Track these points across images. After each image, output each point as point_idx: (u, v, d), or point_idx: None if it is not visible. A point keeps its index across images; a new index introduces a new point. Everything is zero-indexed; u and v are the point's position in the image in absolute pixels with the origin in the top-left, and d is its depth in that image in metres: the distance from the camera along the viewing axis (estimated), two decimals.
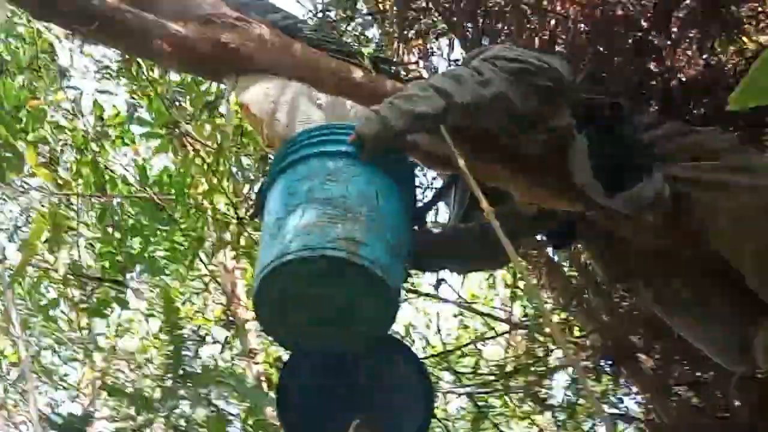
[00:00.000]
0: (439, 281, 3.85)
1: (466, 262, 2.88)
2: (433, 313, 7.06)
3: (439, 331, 4.15)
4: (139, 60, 5.52)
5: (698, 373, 3.39)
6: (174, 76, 5.75)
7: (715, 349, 2.60)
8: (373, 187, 2.15)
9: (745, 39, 3.16)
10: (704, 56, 3.08)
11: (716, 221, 2.38)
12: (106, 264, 6.87)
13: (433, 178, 4.42)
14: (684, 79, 3.05)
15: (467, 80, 2.34)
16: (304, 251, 1.98)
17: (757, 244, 2.31)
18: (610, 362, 3.90)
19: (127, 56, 5.52)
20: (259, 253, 2.22)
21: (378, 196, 2.13)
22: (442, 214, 4.15)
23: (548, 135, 2.48)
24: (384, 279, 2.02)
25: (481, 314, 5.69)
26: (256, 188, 5.50)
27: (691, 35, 3.10)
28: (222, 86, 3.08)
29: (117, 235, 6.74)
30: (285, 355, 5.87)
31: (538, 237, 3.22)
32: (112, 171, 6.51)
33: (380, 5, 4.69)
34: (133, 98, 6.43)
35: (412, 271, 4.84)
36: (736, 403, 3.13)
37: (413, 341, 7.97)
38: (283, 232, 2.05)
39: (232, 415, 4.85)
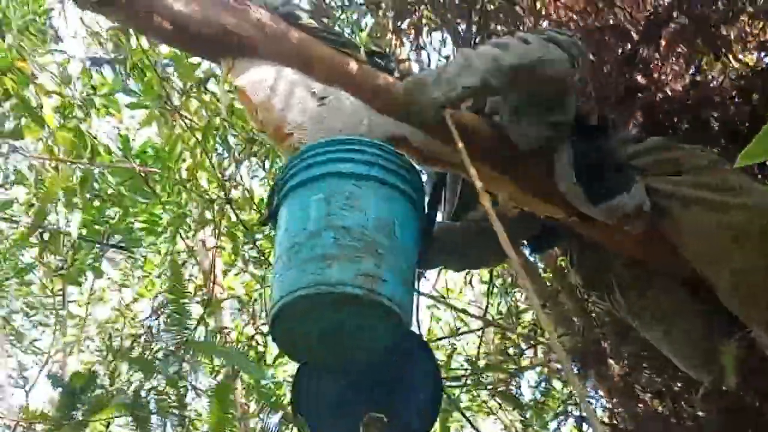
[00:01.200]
0: (419, 275, 3.86)
1: (464, 259, 2.90)
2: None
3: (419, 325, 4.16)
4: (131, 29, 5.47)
5: (665, 381, 3.43)
6: (164, 48, 5.71)
7: (683, 360, 2.64)
8: (391, 216, 2.16)
9: (731, 58, 3.20)
10: (691, 72, 3.12)
11: (695, 237, 2.41)
12: (84, 231, 6.86)
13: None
14: (669, 94, 3.09)
15: (514, 45, 2.38)
16: (322, 286, 2.01)
17: (736, 263, 2.31)
18: (578, 365, 3.94)
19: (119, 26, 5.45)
20: (274, 271, 2.22)
21: (395, 225, 2.15)
22: None
23: (548, 131, 2.51)
24: (400, 314, 2.07)
25: (456, 309, 5.74)
26: (239, 171, 5.50)
27: (679, 51, 3.15)
28: (212, 63, 3.08)
29: (96, 203, 6.74)
30: (256, 336, 5.92)
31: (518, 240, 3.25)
32: (95, 138, 6.47)
33: None
34: (121, 68, 6.38)
35: None
36: (700, 413, 3.17)
37: None
38: (302, 258, 2.07)
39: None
